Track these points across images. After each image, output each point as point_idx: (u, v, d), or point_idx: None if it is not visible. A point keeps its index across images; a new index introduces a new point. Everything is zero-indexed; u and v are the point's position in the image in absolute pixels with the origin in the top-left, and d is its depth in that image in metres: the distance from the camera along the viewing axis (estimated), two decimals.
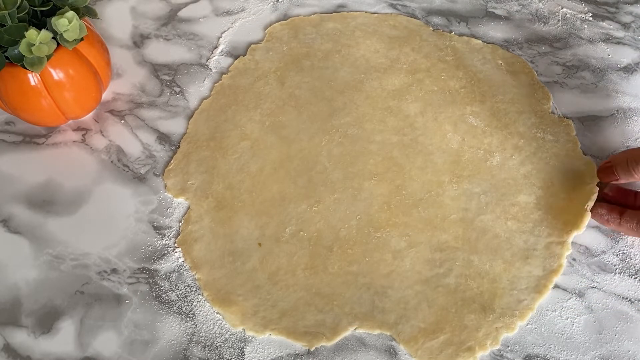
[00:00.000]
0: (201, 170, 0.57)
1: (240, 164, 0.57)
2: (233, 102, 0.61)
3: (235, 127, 0.60)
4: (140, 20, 0.68)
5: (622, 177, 0.51)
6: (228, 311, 0.50)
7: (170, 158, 0.59)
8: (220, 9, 0.69)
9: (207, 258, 0.53)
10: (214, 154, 0.58)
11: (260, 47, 0.65)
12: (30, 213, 0.56)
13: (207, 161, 0.58)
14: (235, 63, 0.64)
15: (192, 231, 0.54)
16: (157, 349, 0.49)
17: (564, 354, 0.48)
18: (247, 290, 0.51)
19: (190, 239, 0.54)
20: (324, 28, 0.66)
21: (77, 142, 0.60)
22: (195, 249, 0.53)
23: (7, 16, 0.49)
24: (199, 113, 0.61)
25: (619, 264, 0.52)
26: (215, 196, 0.56)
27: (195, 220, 0.55)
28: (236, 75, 0.63)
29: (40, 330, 0.50)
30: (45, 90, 0.54)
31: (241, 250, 0.53)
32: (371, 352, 0.49)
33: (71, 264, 0.53)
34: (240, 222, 0.54)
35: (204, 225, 0.54)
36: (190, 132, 0.60)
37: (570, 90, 0.62)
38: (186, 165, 0.58)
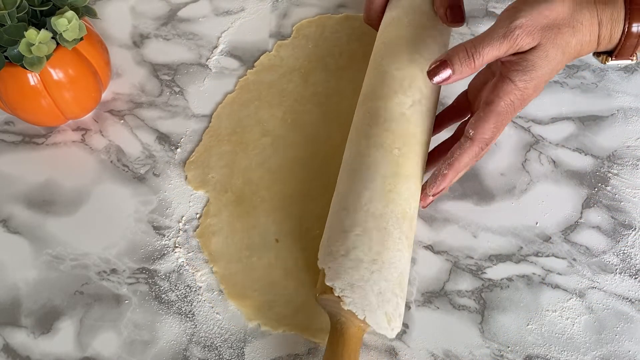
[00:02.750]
0: (221, 164, 0.58)
1: (261, 160, 0.58)
2: (256, 97, 0.62)
3: (257, 123, 0.60)
4: (139, 20, 0.68)
5: (457, 72, 0.45)
6: (243, 305, 0.50)
7: (170, 158, 0.59)
8: (220, 9, 0.69)
9: (224, 252, 0.53)
10: (235, 149, 0.58)
11: (286, 44, 0.65)
12: (29, 213, 0.56)
13: (228, 155, 0.58)
14: (261, 59, 0.64)
15: (211, 224, 0.54)
16: (157, 349, 0.49)
17: (564, 355, 0.48)
18: (262, 285, 0.51)
19: (208, 232, 0.54)
20: (350, 27, 0.66)
21: (77, 142, 0.60)
22: (213, 242, 0.54)
23: (6, 16, 0.49)
24: (223, 107, 0.61)
25: (619, 264, 0.52)
26: (235, 191, 0.56)
27: (214, 214, 0.55)
28: (261, 70, 0.64)
29: (39, 331, 0.50)
30: (44, 90, 0.54)
31: (258, 246, 0.53)
32: (371, 352, 0.49)
33: (71, 264, 0.53)
34: (258, 217, 0.55)
35: (223, 219, 0.55)
36: (213, 125, 0.60)
37: (571, 90, 0.62)
38: (207, 158, 0.58)
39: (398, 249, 0.46)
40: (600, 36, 0.45)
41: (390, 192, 0.47)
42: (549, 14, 0.43)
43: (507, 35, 0.43)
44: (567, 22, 0.44)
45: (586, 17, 0.44)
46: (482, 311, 0.50)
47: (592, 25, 0.44)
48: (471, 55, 0.44)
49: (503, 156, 0.58)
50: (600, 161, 0.58)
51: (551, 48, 0.44)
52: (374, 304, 0.44)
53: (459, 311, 0.50)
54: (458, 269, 0.52)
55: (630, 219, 0.54)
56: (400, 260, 0.46)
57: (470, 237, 0.54)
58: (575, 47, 0.45)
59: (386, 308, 0.44)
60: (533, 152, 0.58)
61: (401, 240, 0.46)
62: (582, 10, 0.44)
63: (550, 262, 0.52)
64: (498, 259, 0.53)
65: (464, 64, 0.45)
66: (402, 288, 0.46)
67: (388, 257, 0.45)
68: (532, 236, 0.54)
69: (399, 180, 0.48)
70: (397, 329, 0.45)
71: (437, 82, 0.45)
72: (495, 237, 0.54)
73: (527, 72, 0.45)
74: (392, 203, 0.47)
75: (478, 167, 0.57)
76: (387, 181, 0.47)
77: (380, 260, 0.45)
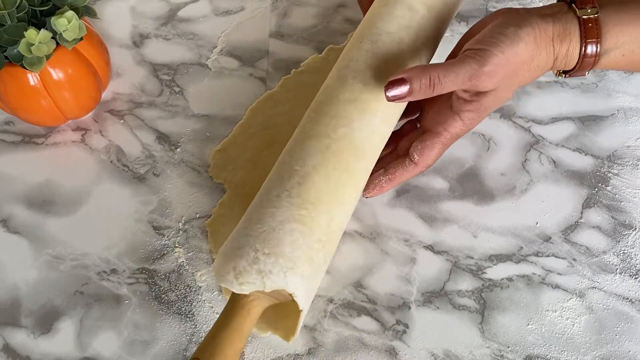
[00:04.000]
0: (245, 158, 0.57)
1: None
2: (294, 97, 0.61)
3: (288, 122, 0.59)
4: (139, 20, 0.68)
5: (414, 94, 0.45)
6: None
7: (170, 158, 0.59)
8: (220, 9, 0.69)
9: None
10: (261, 144, 0.58)
11: (337, 49, 0.64)
12: (29, 213, 0.56)
13: (254, 150, 0.58)
14: (308, 60, 0.64)
15: (222, 215, 0.54)
16: (157, 349, 0.49)
17: (564, 355, 0.48)
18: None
19: (218, 223, 0.54)
20: None
21: (77, 142, 0.60)
22: (220, 232, 0.53)
23: (6, 16, 0.49)
24: (259, 102, 0.61)
25: (619, 264, 0.52)
26: (252, 186, 0.55)
27: (227, 206, 0.55)
28: (306, 71, 0.63)
29: (39, 331, 0.50)
30: (44, 90, 0.54)
31: None
32: (371, 352, 0.49)
33: (71, 264, 0.53)
34: None
35: (235, 212, 0.54)
36: (246, 118, 0.60)
37: (571, 90, 0.62)
38: (234, 149, 0.58)
39: (271, 206, 0.44)
40: (555, 67, 0.47)
41: (283, 156, 0.48)
42: (514, 60, 0.45)
43: (473, 78, 0.44)
44: (526, 66, 0.46)
45: (543, 59, 0.46)
46: (482, 311, 0.50)
47: (547, 63, 0.46)
48: (433, 84, 0.45)
49: (503, 156, 0.58)
50: (601, 161, 0.57)
51: (504, 90, 0.47)
52: (228, 257, 0.43)
53: (459, 311, 0.50)
54: (458, 269, 0.52)
55: (630, 219, 0.54)
56: (273, 216, 0.44)
57: (471, 237, 0.54)
58: (527, 81, 0.48)
59: (236, 262, 0.42)
60: (533, 152, 0.58)
61: (279, 197, 0.45)
62: (540, 52, 0.45)
63: (551, 262, 0.52)
64: (498, 259, 0.53)
65: (423, 89, 0.45)
66: (270, 243, 0.43)
67: (256, 215, 0.45)
68: (532, 236, 0.54)
69: (295, 144, 0.48)
70: (255, 286, 0.42)
71: (390, 97, 0.46)
72: (496, 237, 0.54)
73: (478, 113, 0.48)
74: (281, 165, 0.47)
75: (478, 167, 0.57)
76: (287, 149, 0.48)
77: (247, 219, 0.45)
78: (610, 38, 0.45)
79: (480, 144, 0.59)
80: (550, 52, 0.45)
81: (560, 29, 0.45)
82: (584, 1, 0.45)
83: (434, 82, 0.45)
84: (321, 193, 0.45)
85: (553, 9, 0.46)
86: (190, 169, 0.58)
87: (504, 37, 0.44)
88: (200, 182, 0.57)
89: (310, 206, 0.45)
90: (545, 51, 0.45)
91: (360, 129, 0.47)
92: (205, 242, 0.54)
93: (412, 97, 0.46)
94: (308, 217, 0.44)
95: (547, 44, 0.45)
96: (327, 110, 0.48)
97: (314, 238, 0.44)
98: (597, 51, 0.45)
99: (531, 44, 0.44)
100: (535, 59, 0.45)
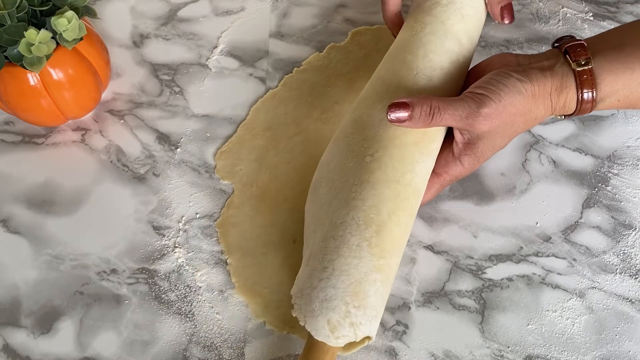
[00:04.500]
0: (251, 158, 0.58)
1: (289, 158, 0.57)
2: (297, 96, 0.61)
3: (292, 121, 0.60)
4: (139, 20, 0.68)
5: (413, 121, 0.47)
6: (252, 301, 0.50)
7: (170, 158, 0.59)
8: (220, 9, 0.69)
9: (241, 245, 0.53)
10: (266, 144, 0.58)
11: (338, 47, 0.65)
12: (29, 213, 0.56)
13: (259, 150, 0.58)
14: (309, 58, 0.64)
15: (232, 215, 0.54)
16: (157, 350, 0.49)
17: (564, 355, 0.48)
18: (273, 284, 0.51)
19: (228, 223, 0.54)
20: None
21: (77, 142, 0.60)
22: (232, 233, 0.54)
23: (6, 16, 0.49)
24: (262, 101, 0.61)
25: (619, 264, 0.52)
26: (260, 185, 0.56)
27: (236, 206, 0.55)
28: (307, 70, 0.63)
29: (39, 331, 0.50)
30: (44, 90, 0.54)
31: (275, 244, 0.53)
32: (371, 352, 0.49)
33: (70, 264, 0.53)
34: (279, 215, 0.54)
35: (244, 212, 0.55)
36: (250, 118, 0.60)
37: None
38: (239, 150, 0.58)
39: (354, 256, 0.45)
40: (554, 114, 0.49)
41: (354, 199, 0.47)
42: (510, 110, 0.47)
43: (470, 117, 0.46)
44: (522, 118, 0.48)
45: (540, 112, 0.48)
46: (482, 311, 0.50)
47: (545, 114, 0.48)
48: (432, 115, 0.46)
49: (503, 156, 0.58)
50: (601, 161, 0.57)
51: (500, 138, 0.49)
52: (315, 311, 0.44)
53: (459, 311, 0.50)
54: (458, 269, 0.52)
55: (630, 219, 0.54)
56: (357, 267, 0.45)
57: (471, 237, 0.54)
58: (524, 130, 0.50)
59: (329, 315, 0.44)
60: (533, 152, 0.58)
61: (360, 247, 0.45)
62: (538, 106, 0.47)
63: (551, 262, 0.52)
64: (498, 259, 0.53)
65: (422, 117, 0.47)
66: (359, 296, 0.44)
67: (340, 265, 0.45)
68: (533, 236, 0.54)
69: (365, 186, 0.47)
70: (348, 338, 0.44)
71: (390, 119, 0.47)
72: (496, 237, 0.54)
73: (476, 157, 0.50)
74: (354, 210, 0.46)
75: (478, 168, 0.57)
76: (353, 189, 0.47)
77: (331, 268, 0.45)
78: (605, 87, 0.46)
79: None
80: (547, 105, 0.48)
81: (558, 82, 0.47)
82: (577, 53, 0.47)
83: (434, 112, 0.46)
84: (395, 240, 0.47)
85: (550, 61, 0.48)
86: (190, 169, 0.58)
87: (503, 86, 0.46)
88: (200, 182, 0.57)
89: (387, 255, 0.46)
90: (543, 105, 0.47)
91: (420, 172, 0.49)
92: (205, 242, 0.54)
93: (411, 123, 0.47)
94: (386, 266, 0.46)
95: (544, 99, 0.47)
96: (393, 154, 0.48)
97: (389, 282, 0.47)
98: (594, 97, 0.47)
99: (529, 98, 0.46)
100: (532, 111, 0.48)
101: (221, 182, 0.57)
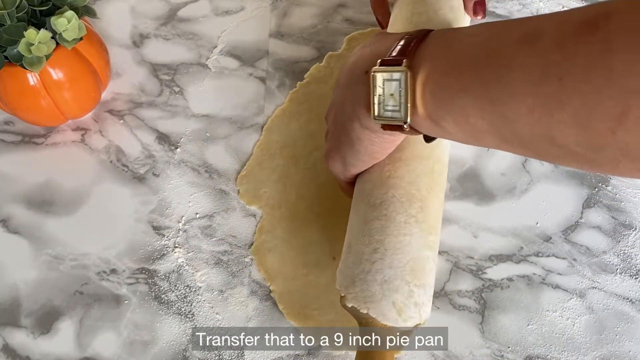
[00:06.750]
0: (274, 179, 0.56)
1: (312, 175, 0.56)
2: (307, 110, 0.60)
3: (308, 136, 0.58)
4: (139, 20, 0.68)
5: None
6: (305, 326, 0.49)
7: (170, 158, 0.58)
8: (220, 9, 0.69)
9: (281, 270, 0.52)
10: (286, 163, 0.57)
11: (337, 55, 0.64)
12: (29, 213, 0.55)
13: (280, 169, 0.57)
14: (311, 70, 0.63)
15: (266, 241, 0.53)
16: (157, 350, 0.49)
17: (564, 355, 0.48)
18: (322, 305, 0.50)
19: (263, 249, 0.53)
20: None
21: (77, 142, 0.60)
22: (269, 259, 0.52)
23: (6, 16, 0.49)
24: (272, 120, 0.60)
25: (619, 264, 0.52)
26: (288, 206, 0.55)
27: (268, 230, 0.54)
28: (311, 82, 0.63)
29: (39, 331, 0.50)
30: (44, 90, 0.54)
31: (315, 263, 0.52)
32: None
33: (70, 264, 0.53)
34: (313, 234, 0.53)
35: (277, 235, 0.53)
36: (264, 138, 0.59)
37: None
38: (259, 172, 0.57)
39: (404, 233, 0.43)
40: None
41: (389, 177, 0.45)
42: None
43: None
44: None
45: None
46: (483, 311, 0.50)
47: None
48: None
49: (503, 156, 0.58)
50: None
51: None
52: (377, 294, 0.41)
53: (460, 311, 0.50)
54: (458, 269, 0.52)
55: (630, 219, 0.54)
56: (410, 244, 0.42)
57: (471, 237, 0.54)
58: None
59: (394, 297, 0.41)
60: None
61: (409, 224, 0.43)
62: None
63: (551, 262, 0.52)
64: (498, 259, 0.53)
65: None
66: (418, 274, 0.42)
67: (392, 244, 0.42)
68: (533, 236, 0.54)
69: (399, 164, 0.45)
70: (416, 319, 0.42)
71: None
72: (496, 237, 0.54)
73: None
74: (393, 188, 0.44)
75: (478, 167, 0.57)
76: (386, 168, 0.45)
77: (382, 248, 0.42)
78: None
79: None
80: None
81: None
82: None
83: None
84: (437, 216, 0.46)
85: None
86: (190, 169, 0.58)
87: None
88: (200, 182, 0.57)
89: (434, 231, 0.45)
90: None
91: (445, 148, 0.48)
92: (205, 242, 0.54)
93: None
94: (434, 243, 0.45)
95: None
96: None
97: (437, 261, 0.45)
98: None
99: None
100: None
101: (221, 183, 0.57)
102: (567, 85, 0.29)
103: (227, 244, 0.54)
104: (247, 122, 0.61)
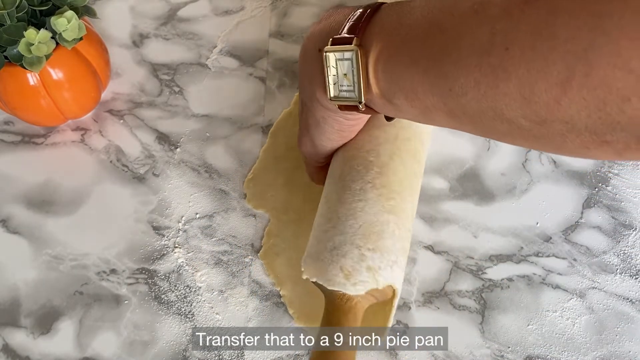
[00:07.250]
0: (280, 182, 0.56)
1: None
2: None
3: None
4: (139, 20, 0.68)
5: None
6: (314, 326, 0.49)
7: (170, 158, 0.58)
8: (220, 9, 0.69)
9: (290, 274, 0.51)
10: (292, 165, 0.57)
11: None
12: (29, 213, 0.55)
13: (286, 172, 0.57)
14: None
15: (274, 245, 0.53)
16: (157, 350, 0.49)
17: (564, 355, 0.48)
18: None
19: (272, 253, 0.53)
20: None
21: (76, 142, 0.60)
22: (278, 263, 0.52)
23: (6, 16, 0.49)
24: (278, 122, 0.60)
25: (620, 264, 0.52)
26: (295, 209, 0.54)
27: (276, 234, 0.54)
28: None
29: (39, 331, 0.50)
30: (44, 90, 0.54)
31: None
32: (371, 352, 0.49)
33: (70, 264, 0.53)
34: None
35: (285, 239, 0.53)
36: (270, 143, 0.59)
37: None
38: (265, 175, 0.57)
39: (358, 199, 0.41)
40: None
41: (350, 149, 0.44)
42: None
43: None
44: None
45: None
46: (483, 311, 0.50)
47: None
48: None
49: (503, 156, 0.58)
50: (601, 161, 0.57)
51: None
52: (325, 261, 0.40)
53: (460, 311, 0.50)
54: (458, 269, 0.52)
55: (630, 219, 0.54)
56: (364, 210, 0.41)
57: (471, 237, 0.54)
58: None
59: (342, 262, 0.40)
60: (533, 152, 0.58)
61: (364, 190, 0.42)
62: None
63: (551, 262, 0.52)
64: (498, 259, 0.53)
65: None
66: (371, 238, 0.40)
67: (344, 211, 0.41)
68: (533, 236, 0.54)
69: (361, 135, 0.44)
70: (370, 284, 0.40)
71: None
72: (496, 237, 0.54)
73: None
74: (352, 159, 0.43)
75: (479, 167, 0.57)
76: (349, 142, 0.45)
77: (335, 217, 0.42)
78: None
79: (481, 144, 0.59)
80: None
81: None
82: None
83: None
84: (404, 182, 0.43)
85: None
86: (190, 169, 0.58)
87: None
88: (200, 182, 0.57)
89: (396, 195, 0.42)
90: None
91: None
92: (205, 242, 0.54)
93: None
94: (398, 208, 0.42)
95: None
96: None
97: (405, 227, 0.43)
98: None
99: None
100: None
101: (221, 183, 0.57)
102: (512, 54, 0.28)
103: (227, 244, 0.54)
104: (247, 122, 0.61)
